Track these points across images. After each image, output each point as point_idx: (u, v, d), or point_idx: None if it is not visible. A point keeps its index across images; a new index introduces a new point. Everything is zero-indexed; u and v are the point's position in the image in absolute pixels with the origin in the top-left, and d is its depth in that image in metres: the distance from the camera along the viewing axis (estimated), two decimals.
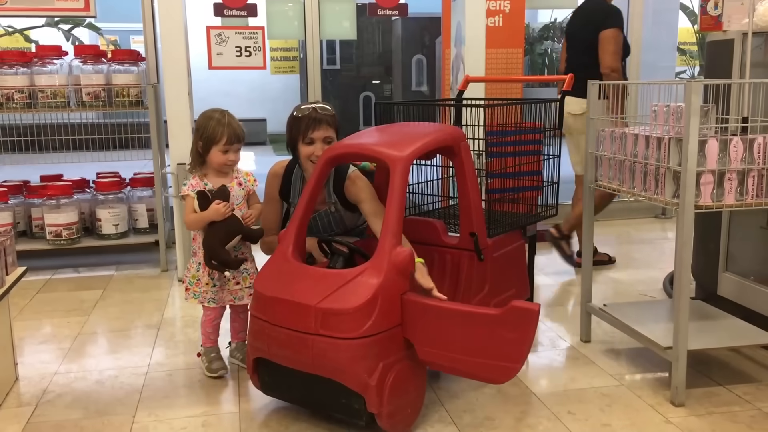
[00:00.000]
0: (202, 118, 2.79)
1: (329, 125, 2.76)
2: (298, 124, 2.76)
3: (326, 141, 2.75)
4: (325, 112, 2.77)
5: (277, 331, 2.37)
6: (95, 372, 2.95)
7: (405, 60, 12.43)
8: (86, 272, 4.46)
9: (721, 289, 3.25)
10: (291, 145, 2.85)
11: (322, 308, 2.27)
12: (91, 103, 4.35)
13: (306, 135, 2.74)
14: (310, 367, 2.32)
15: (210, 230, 2.73)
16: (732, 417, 2.47)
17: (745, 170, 2.48)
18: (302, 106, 2.81)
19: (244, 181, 2.87)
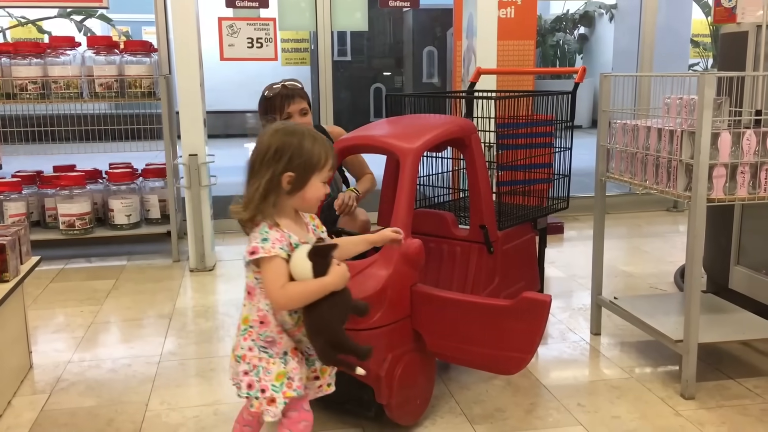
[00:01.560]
0: (281, 136, 1.85)
1: (301, 98, 2.93)
2: (272, 103, 2.89)
3: (302, 113, 2.92)
4: (295, 86, 2.92)
5: None
6: (108, 361, 2.98)
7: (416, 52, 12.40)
8: (99, 262, 4.49)
9: (733, 282, 3.24)
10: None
11: None
12: (104, 94, 4.37)
13: (283, 110, 2.88)
14: None
15: (328, 307, 1.82)
16: (742, 410, 2.47)
17: (758, 163, 2.47)
18: (273, 85, 2.93)
19: (313, 226, 1.99)
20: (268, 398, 1.82)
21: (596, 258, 3.12)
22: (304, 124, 2.81)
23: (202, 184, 4.21)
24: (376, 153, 2.59)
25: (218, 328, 3.33)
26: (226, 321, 3.42)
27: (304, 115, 2.91)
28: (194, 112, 4.15)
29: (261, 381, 1.83)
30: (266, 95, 2.94)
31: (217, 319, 3.47)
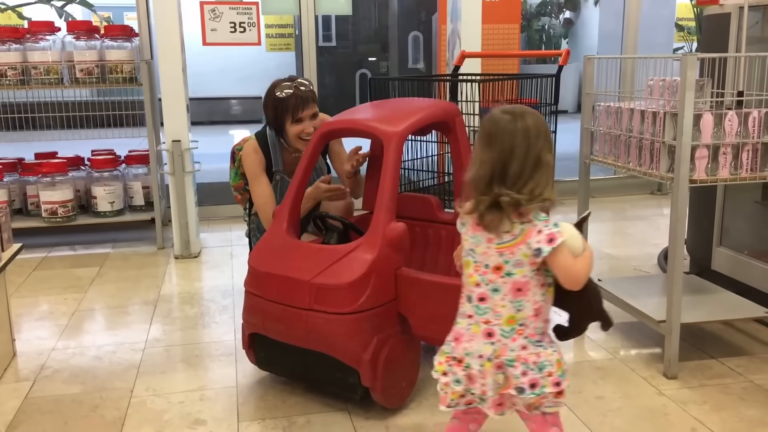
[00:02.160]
0: (537, 116, 1.72)
1: (314, 101, 2.86)
2: (284, 105, 2.80)
3: (313, 117, 2.85)
4: (307, 88, 2.84)
5: (272, 307, 2.38)
6: (93, 348, 2.97)
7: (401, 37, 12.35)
8: (82, 250, 4.46)
9: (715, 263, 3.27)
10: (276, 125, 2.86)
11: (316, 284, 2.28)
12: (85, 79, 4.32)
13: (295, 115, 2.80)
14: (304, 342, 2.33)
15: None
16: (724, 389, 2.49)
17: (739, 144, 2.48)
18: (283, 84, 2.83)
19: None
20: (557, 390, 1.71)
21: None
22: (314, 127, 2.82)
23: (186, 170, 4.18)
24: (360, 137, 2.58)
25: (203, 315, 3.32)
26: (211, 307, 3.41)
27: (313, 119, 2.86)
28: (177, 97, 4.11)
29: (552, 375, 1.70)
30: (278, 95, 2.82)
31: (203, 305, 3.45)
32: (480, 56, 4.16)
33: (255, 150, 2.93)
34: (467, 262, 1.76)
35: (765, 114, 2.48)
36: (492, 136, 1.67)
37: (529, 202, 1.63)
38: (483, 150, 1.68)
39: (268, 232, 2.60)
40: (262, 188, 2.92)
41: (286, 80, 2.86)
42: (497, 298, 1.71)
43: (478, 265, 1.73)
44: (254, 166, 2.92)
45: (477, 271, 1.73)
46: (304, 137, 2.83)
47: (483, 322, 1.73)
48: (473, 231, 1.73)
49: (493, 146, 1.66)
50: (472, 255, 1.74)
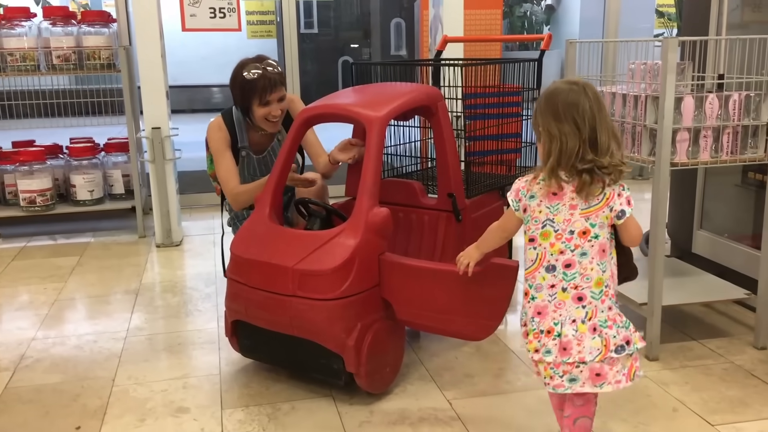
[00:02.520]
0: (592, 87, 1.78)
1: (282, 84, 2.81)
2: (251, 86, 2.76)
3: (281, 100, 2.81)
4: (275, 70, 2.80)
5: (255, 294, 2.37)
6: (73, 337, 2.93)
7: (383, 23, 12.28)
8: (62, 239, 4.40)
9: (696, 246, 3.29)
10: (243, 106, 2.84)
11: (299, 270, 2.27)
12: (62, 66, 4.25)
13: (263, 98, 2.77)
14: (288, 328, 2.32)
15: None
16: (705, 370, 2.52)
17: (720, 127, 2.50)
18: (251, 65, 2.78)
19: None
20: (643, 345, 1.82)
21: None
22: (280, 109, 2.79)
23: (166, 157, 4.13)
24: (342, 122, 2.56)
25: (186, 303, 3.30)
26: (194, 296, 3.39)
27: (281, 101, 2.82)
28: (156, 84, 4.06)
29: (636, 331, 1.82)
30: (246, 76, 2.77)
31: (185, 293, 3.43)
32: (462, 41, 4.14)
33: (219, 127, 2.89)
34: (546, 232, 1.77)
35: (745, 97, 2.49)
36: (566, 108, 1.70)
37: (623, 166, 1.73)
38: (557, 123, 1.71)
39: (250, 218, 2.57)
40: (226, 163, 2.86)
41: (254, 60, 2.81)
42: (586, 262, 1.75)
43: (560, 234, 1.76)
44: (218, 143, 2.88)
45: (559, 239, 1.76)
46: (270, 119, 2.81)
47: (572, 287, 1.76)
48: (550, 201, 1.77)
49: (568, 119, 1.70)
50: (551, 225, 1.77)
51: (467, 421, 2.22)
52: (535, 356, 1.79)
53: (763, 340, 2.66)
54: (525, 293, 1.83)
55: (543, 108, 1.75)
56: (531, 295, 1.81)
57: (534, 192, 1.79)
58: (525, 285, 1.83)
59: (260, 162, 2.93)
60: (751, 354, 2.63)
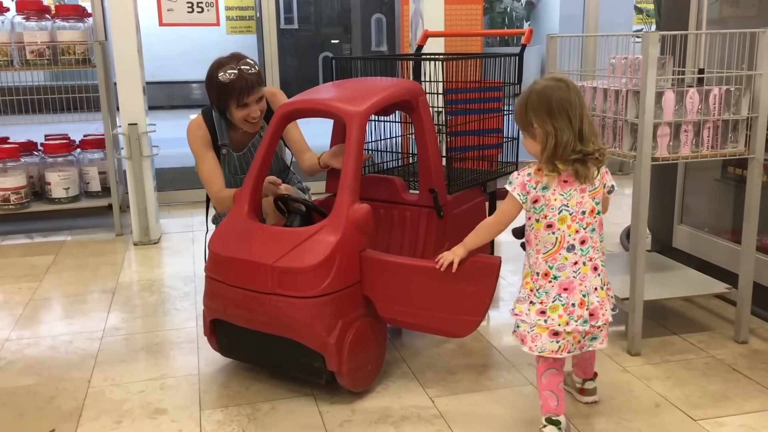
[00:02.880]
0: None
1: (259, 84, 2.72)
2: (228, 90, 2.66)
3: (258, 101, 2.74)
4: (252, 71, 2.70)
5: (234, 292, 2.33)
6: (48, 338, 2.87)
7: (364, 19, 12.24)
8: (38, 238, 4.33)
9: (676, 241, 3.30)
10: (220, 108, 2.77)
11: (278, 267, 2.23)
12: (36, 61, 4.17)
13: (240, 101, 2.68)
14: (268, 327, 2.28)
15: None
16: (687, 364, 2.52)
17: (701, 122, 2.49)
18: (226, 66, 2.67)
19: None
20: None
21: None
22: (260, 110, 2.73)
23: (143, 154, 4.07)
24: (321, 117, 2.52)
25: (164, 302, 3.25)
26: (172, 294, 3.34)
27: (259, 102, 2.75)
28: (132, 79, 3.99)
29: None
30: (221, 79, 2.65)
31: (163, 292, 3.37)
32: (443, 35, 4.12)
33: (198, 126, 2.82)
34: (563, 217, 1.96)
35: (725, 91, 2.49)
36: (559, 104, 1.89)
37: (606, 149, 2.00)
38: (551, 120, 1.89)
39: (228, 215, 2.53)
40: (208, 164, 2.80)
41: (230, 60, 2.71)
42: (595, 237, 2.00)
43: (575, 216, 1.96)
44: (198, 142, 2.81)
45: (575, 221, 1.96)
46: (250, 120, 2.74)
47: (588, 260, 1.99)
48: (563, 188, 1.96)
49: (560, 114, 1.89)
50: (567, 209, 1.96)
51: (450, 419, 2.20)
52: (568, 327, 1.96)
53: (743, 335, 2.67)
54: (545, 274, 1.97)
55: (535, 106, 1.91)
56: (552, 275, 1.97)
57: (545, 183, 1.95)
58: (544, 267, 1.98)
59: (241, 159, 2.88)
60: (731, 348, 2.64)
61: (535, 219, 1.98)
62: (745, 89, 2.51)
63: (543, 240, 1.98)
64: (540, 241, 1.99)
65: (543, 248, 1.98)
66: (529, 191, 1.96)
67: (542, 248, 1.98)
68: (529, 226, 2.02)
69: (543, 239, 1.98)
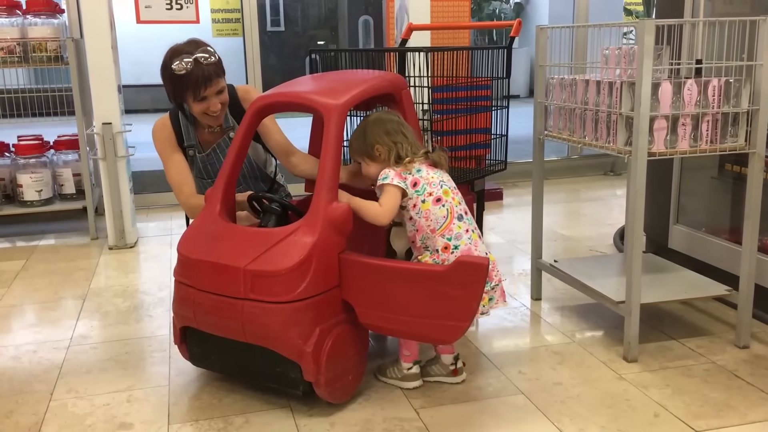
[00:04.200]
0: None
1: (218, 75, 2.48)
2: (183, 83, 2.44)
3: (219, 92, 2.51)
4: (209, 61, 2.45)
5: (204, 297, 2.17)
6: (11, 347, 2.71)
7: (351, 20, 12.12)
8: (8, 242, 4.15)
9: (672, 241, 3.18)
10: (176, 102, 2.58)
11: (251, 270, 2.08)
12: (5, 59, 3.99)
13: (197, 94, 2.46)
14: (240, 334, 2.13)
15: None
16: (686, 371, 2.39)
17: (699, 115, 2.37)
18: (182, 55, 2.44)
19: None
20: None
21: (535, 220, 2.99)
22: (221, 102, 2.52)
23: (118, 155, 3.91)
24: (298, 111, 2.38)
25: (137, 308, 3.09)
26: (145, 300, 3.18)
27: (220, 94, 2.50)
28: (106, 76, 3.84)
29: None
30: (175, 70, 2.42)
31: (136, 298, 3.21)
32: (428, 28, 3.99)
33: (162, 126, 2.63)
34: (446, 190, 2.20)
35: (725, 83, 2.36)
36: (392, 126, 2.27)
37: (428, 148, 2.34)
38: (389, 138, 2.24)
39: (199, 216, 2.38)
40: (176, 167, 2.59)
41: (186, 47, 2.48)
42: (468, 210, 2.25)
43: (453, 189, 2.23)
44: (162, 144, 2.62)
45: (455, 194, 2.22)
46: (210, 113, 2.53)
47: (473, 228, 2.21)
48: (432, 170, 2.23)
49: (396, 133, 2.25)
50: (445, 184, 2.21)
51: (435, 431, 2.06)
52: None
53: (745, 339, 2.54)
54: (444, 248, 2.14)
55: (375, 131, 2.25)
56: (453, 246, 2.14)
57: (417, 167, 2.20)
58: (442, 241, 2.14)
59: (205, 161, 2.66)
60: (733, 353, 2.50)
61: (421, 200, 2.17)
62: (746, 81, 2.38)
63: (435, 217, 2.15)
64: (432, 220, 2.16)
65: (436, 225, 2.15)
66: (406, 177, 2.18)
67: (435, 225, 2.15)
68: (415, 215, 2.17)
69: (435, 216, 2.15)
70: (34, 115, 4.25)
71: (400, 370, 2.31)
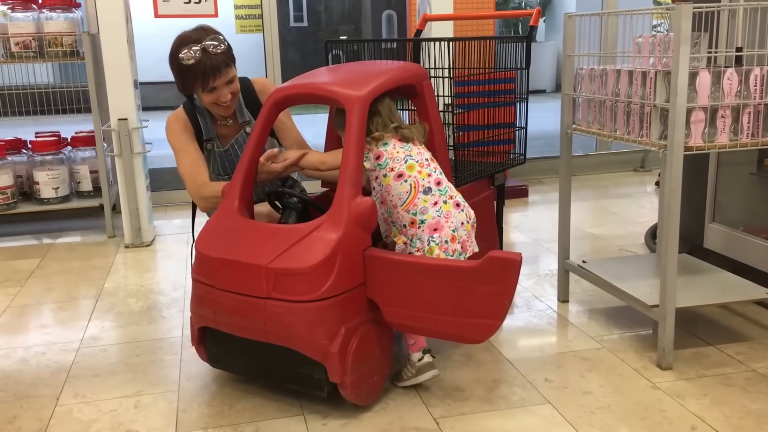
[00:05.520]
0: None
1: (227, 65, 2.38)
2: (191, 73, 2.34)
3: (229, 83, 2.41)
4: (218, 50, 2.35)
5: (224, 297, 2.08)
6: (20, 349, 2.64)
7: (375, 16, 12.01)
8: (25, 240, 4.11)
9: (708, 241, 3.01)
10: (185, 92, 2.47)
11: (274, 268, 1.98)
12: (21, 54, 3.94)
13: (206, 85, 2.36)
14: (262, 335, 2.04)
15: None
16: (725, 380, 2.24)
17: (740, 106, 2.21)
18: (188, 43, 2.34)
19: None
20: None
21: (563, 218, 2.85)
22: (231, 92, 2.42)
23: (134, 151, 3.84)
24: (318, 102, 2.27)
25: (150, 309, 3.00)
26: (159, 301, 3.09)
27: (230, 84, 2.40)
28: (122, 71, 3.77)
29: None
30: (183, 60, 2.32)
31: (150, 298, 3.13)
32: (442, 19, 3.87)
33: (177, 118, 2.52)
34: (410, 165, 2.14)
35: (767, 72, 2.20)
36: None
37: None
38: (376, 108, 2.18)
39: (216, 212, 2.28)
40: (190, 156, 2.48)
41: (194, 34, 2.37)
42: (445, 178, 2.19)
43: (421, 163, 2.16)
44: (177, 135, 2.51)
45: (423, 166, 2.15)
46: (220, 104, 2.44)
47: (449, 198, 2.14)
48: (399, 144, 2.18)
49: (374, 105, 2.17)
50: (411, 158, 2.16)
51: None
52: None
53: None
54: (411, 223, 2.10)
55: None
56: (419, 220, 2.10)
57: (384, 140, 2.16)
58: (407, 216, 2.11)
59: (223, 156, 2.57)
60: None
61: (383, 175, 2.14)
62: None
63: (397, 193, 2.12)
64: (394, 196, 2.13)
65: (399, 201, 2.12)
66: (371, 149, 2.15)
67: (398, 201, 2.12)
68: (378, 187, 2.16)
69: (396, 191, 2.12)
70: (50, 112, 4.20)
71: (413, 365, 2.20)
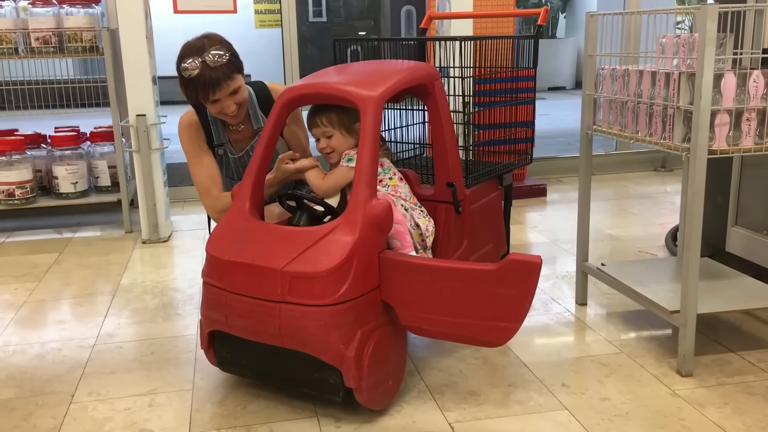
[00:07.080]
0: None
1: (229, 78, 2.33)
2: (193, 87, 2.32)
3: (234, 93, 2.38)
4: (219, 62, 2.31)
5: (237, 300, 2.06)
6: (36, 345, 2.65)
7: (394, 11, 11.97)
8: (43, 235, 4.13)
9: (730, 245, 2.96)
10: (191, 102, 2.46)
11: (289, 272, 1.96)
12: (41, 49, 3.96)
13: (207, 98, 2.34)
14: (276, 339, 2.01)
15: None
16: (747, 388, 2.19)
17: (765, 109, 2.16)
18: (187, 56, 2.31)
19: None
20: None
21: (582, 221, 2.81)
22: (235, 103, 2.39)
23: (152, 147, 3.84)
24: (330, 103, 2.25)
25: (166, 306, 3.01)
26: (175, 297, 3.10)
27: (234, 94, 2.37)
28: (141, 67, 3.77)
29: None
30: (184, 75, 2.30)
31: (166, 295, 3.14)
32: (446, 17, 3.84)
33: (189, 124, 2.51)
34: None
35: None
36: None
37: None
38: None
39: (228, 214, 2.27)
40: (205, 169, 2.49)
41: (196, 44, 2.35)
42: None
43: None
44: (189, 142, 2.50)
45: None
46: (227, 112, 2.42)
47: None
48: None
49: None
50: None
51: None
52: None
53: None
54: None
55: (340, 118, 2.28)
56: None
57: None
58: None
59: (237, 163, 2.56)
60: None
61: (389, 177, 2.31)
62: None
63: (402, 192, 2.31)
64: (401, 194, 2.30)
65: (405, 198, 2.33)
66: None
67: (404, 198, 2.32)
68: (383, 188, 2.29)
69: (402, 192, 2.31)
70: (69, 106, 4.22)
71: None
